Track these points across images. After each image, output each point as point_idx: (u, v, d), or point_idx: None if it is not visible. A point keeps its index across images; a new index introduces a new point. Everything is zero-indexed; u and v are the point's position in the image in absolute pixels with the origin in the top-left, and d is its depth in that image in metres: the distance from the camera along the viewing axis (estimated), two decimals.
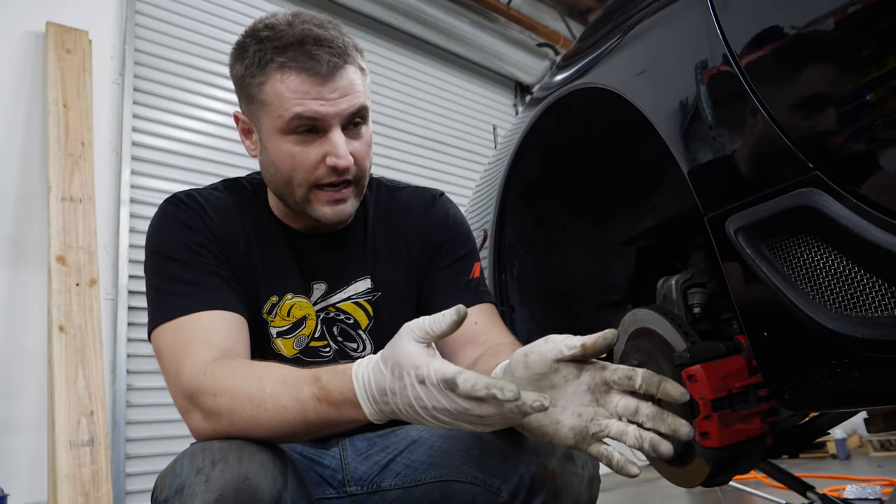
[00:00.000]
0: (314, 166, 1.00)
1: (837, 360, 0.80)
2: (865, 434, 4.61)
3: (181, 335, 0.94)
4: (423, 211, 1.19)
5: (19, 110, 2.92)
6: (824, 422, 1.47)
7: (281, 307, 1.08)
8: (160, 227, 1.05)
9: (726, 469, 1.18)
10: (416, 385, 0.72)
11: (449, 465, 1.00)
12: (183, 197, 1.07)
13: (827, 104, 0.79)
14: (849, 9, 0.76)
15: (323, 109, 0.97)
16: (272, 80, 0.97)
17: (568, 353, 0.77)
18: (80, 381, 2.55)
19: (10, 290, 2.74)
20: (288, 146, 0.99)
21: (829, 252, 0.79)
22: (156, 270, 1.03)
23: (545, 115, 1.45)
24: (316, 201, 1.02)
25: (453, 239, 1.18)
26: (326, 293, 1.11)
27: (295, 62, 0.96)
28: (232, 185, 1.15)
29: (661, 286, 1.29)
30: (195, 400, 0.87)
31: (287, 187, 1.02)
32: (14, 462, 2.57)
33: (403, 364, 0.73)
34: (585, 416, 0.77)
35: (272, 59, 0.97)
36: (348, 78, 0.98)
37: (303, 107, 0.96)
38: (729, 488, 2.98)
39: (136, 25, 3.42)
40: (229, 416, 0.84)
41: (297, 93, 0.96)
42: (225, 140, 3.62)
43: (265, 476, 0.80)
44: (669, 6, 1.04)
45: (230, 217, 1.08)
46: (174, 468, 0.81)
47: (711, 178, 0.94)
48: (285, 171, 1.01)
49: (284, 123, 0.98)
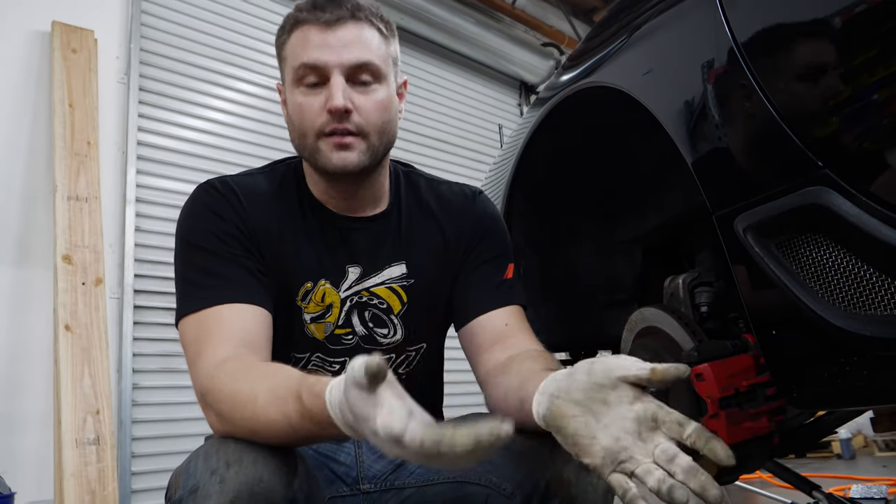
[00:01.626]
0: (317, 114, 1.02)
1: (846, 359, 0.80)
2: (870, 434, 4.60)
3: (202, 329, 0.95)
4: (463, 207, 1.20)
5: (25, 109, 2.92)
6: (831, 421, 1.47)
7: (315, 293, 1.09)
8: (190, 214, 1.06)
9: (734, 468, 1.18)
10: (373, 436, 0.65)
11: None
12: (216, 183, 1.08)
13: (836, 102, 0.79)
14: (858, 7, 0.76)
15: (324, 57, 1.00)
16: (290, 38, 1.04)
17: (633, 374, 0.74)
18: (85, 379, 2.55)
19: (16, 288, 2.75)
20: (298, 97, 1.03)
21: (838, 250, 0.79)
22: (184, 259, 1.03)
23: (552, 115, 1.45)
24: (324, 148, 1.03)
25: (491, 237, 1.19)
26: (361, 276, 1.11)
27: (308, 15, 1.02)
28: (270, 168, 1.16)
29: (668, 285, 1.29)
30: (205, 400, 0.89)
31: (302, 140, 1.04)
32: (20, 460, 2.57)
33: (356, 412, 0.66)
34: (623, 442, 0.73)
35: (293, 18, 1.04)
36: (356, 33, 1.02)
37: (307, 55, 1.01)
38: (734, 487, 2.98)
39: (142, 25, 3.43)
40: (231, 421, 0.85)
41: (304, 44, 1.02)
42: (231, 140, 3.62)
43: (280, 479, 0.80)
44: (678, 4, 1.04)
45: (264, 204, 1.08)
46: (188, 467, 0.81)
47: (720, 176, 0.94)
48: (297, 124, 1.04)
49: (293, 74, 1.03)
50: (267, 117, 3.75)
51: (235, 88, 3.72)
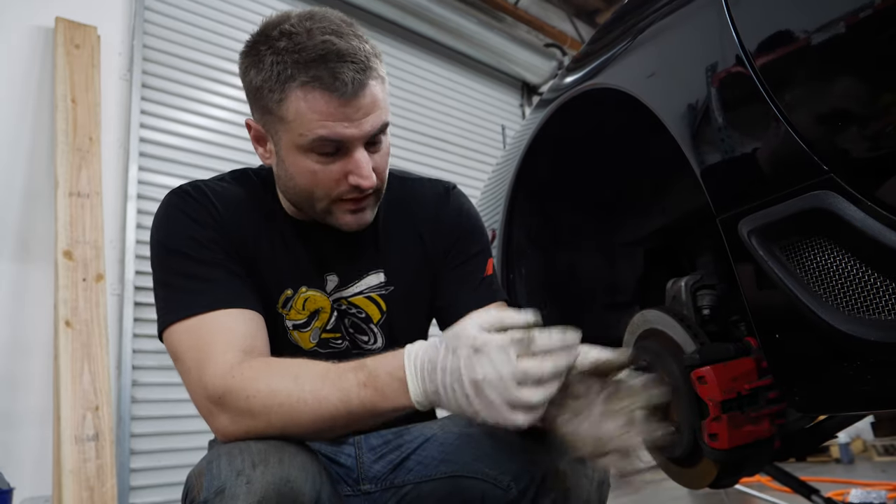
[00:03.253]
0: (336, 183, 0.98)
1: (849, 363, 0.80)
2: (869, 438, 4.60)
3: (199, 336, 0.92)
4: (437, 204, 1.17)
5: (28, 105, 2.92)
6: (832, 425, 1.47)
7: (296, 300, 1.07)
8: (166, 220, 1.01)
9: (734, 471, 1.18)
10: (472, 356, 0.74)
11: (459, 462, 1.00)
12: (189, 189, 1.04)
13: (842, 106, 0.79)
14: (864, 12, 0.76)
15: (348, 132, 0.93)
16: (293, 97, 0.92)
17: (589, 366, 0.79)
18: (85, 375, 2.55)
19: (17, 284, 2.74)
20: (308, 163, 0.96)
21: (842, 255, 0.79)
22: (164, 266, 1.00)
23: (555, 116, 1.45)
24: (338, 211, 1.01)
25: (467, 235, 1.16)
26: (339, 286, 1.10)
27: (319, 82, 0.91)
28: (239, 175, 1.12)
29: (670, 287, 1.29)
30: (223, 402, 0.86)
31: (307, 200, 1.01)
32: (19, 456, 2.57)
33: (461, 337, 0.76)
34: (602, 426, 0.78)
35: (293, 75, 0.92)
36: (371, 95, 0.94)
37: (326, 129, 0.93)
38: (733, 491, 2.98)
39: (145, 21, 3.43)
40: (265, 415, 0.83)
41: (320, 114, 0.92)
42: (232, 137, 3.62)
43: (306, 478, 0.80)
44: (684, 7, 1.04)
45: (238, 210, 1.05)
46: (210, 469, 0.79)
47: (724, 179, 0.94)
48: (305, 186, 0.99)
49: (305, 143, 0.94)
50: None
51: (238, 86, 3.69)
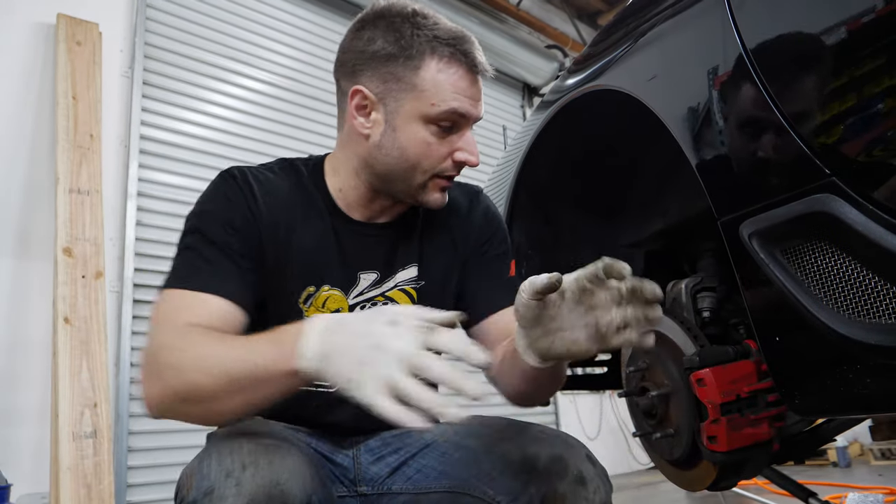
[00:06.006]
0: (443, 158, 1.02)
1: (850, 366, 0.80)
2: (867, 442, 4.61)
3: (175, 306, 0.95)
4: (468, 209, 1.20)
5: (29, 101, 2.92)
6: (831, 428, 1.47)
7: (317, 298, 1.08)
8: (207, 196, 1.06)
9: (733, 473, 1.18)
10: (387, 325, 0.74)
11: (459, 477, 1.00)
12: (237, 173, 1.07)
13: (844, 110, 0.79)
14: (866, 16, 0.76)
15: (473, 111, 1.01)
16: (433, 67, 0.99)
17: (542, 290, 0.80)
18: (83, 373, 2.55)
19: (16, 280, 2.74)
20: (426, 134, 1.00)
21: (843, 258, 0.79)
22: (186, 234, 1.03)
23: (557, 117, 1.46)
24: (432, 188, 1.05)
25: (496, 237, 1.20)
26: (375, 283, 1.11)
27: (464, 57, 0.99)
28: (288, 166, 1.13)
29: (670, 290, 1.29)
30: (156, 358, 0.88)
31: (408, 171, 1.03)
32: (17, 452, 2.57)
33: (385, 312, 0.75)
34: (590, 323, 0.81)
35: (435, 48, 0.99)
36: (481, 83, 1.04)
37: (459, 103, 0.99)
38: (730, 493, 2.98)
39: (147, 19, 3.42)
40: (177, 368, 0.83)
41: (457, 88, 0.99)
42: (234, 135, 3.61)
43: (296, 481, 0.79)
44: (687, 10, 1.04)
45: (279, 202, 1.07)
46: (201, 468, 0.79)
47: (726, 182, 0.94)
48: (413, 157, 1.02)
49: (435, 113, 0.99)
50: (270, 113, 3.74)
51: (239, 84, 3.71)
